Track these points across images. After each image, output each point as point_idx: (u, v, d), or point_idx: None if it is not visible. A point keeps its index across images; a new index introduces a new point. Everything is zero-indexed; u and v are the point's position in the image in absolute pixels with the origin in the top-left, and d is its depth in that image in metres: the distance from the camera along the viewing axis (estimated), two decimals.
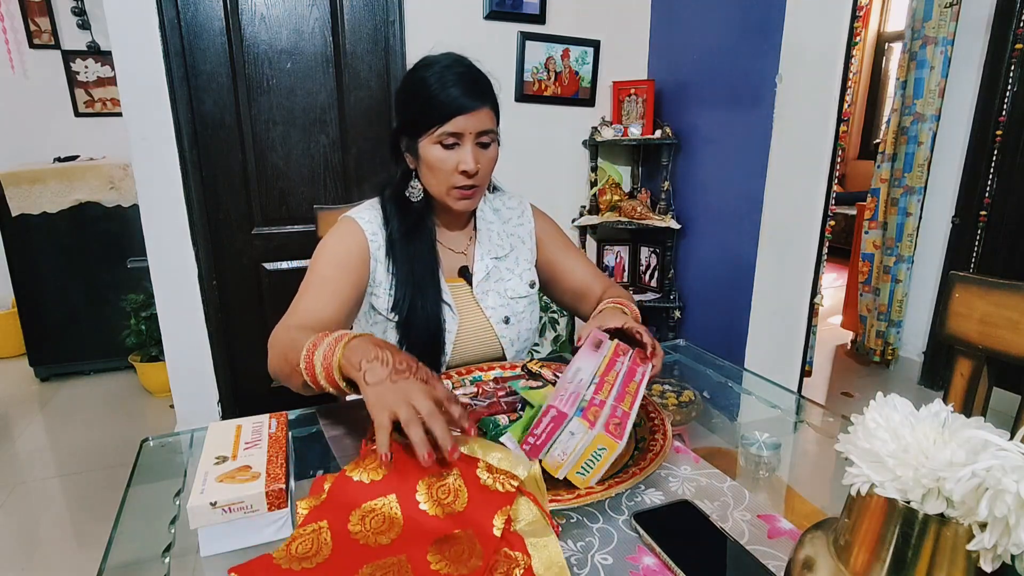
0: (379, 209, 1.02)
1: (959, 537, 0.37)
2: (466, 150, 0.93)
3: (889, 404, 0.42)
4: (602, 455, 0.63)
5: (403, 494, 0.58)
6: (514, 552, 0.53)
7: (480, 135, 0.94)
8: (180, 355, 2.06)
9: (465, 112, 0.91)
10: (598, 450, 0.63)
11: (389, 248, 0.99)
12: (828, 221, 2.05)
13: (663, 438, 0.72)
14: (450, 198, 0.97)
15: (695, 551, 0.56)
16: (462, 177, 0.94)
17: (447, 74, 0.92)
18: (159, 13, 1.80)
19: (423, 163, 0.96)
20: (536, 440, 0.65)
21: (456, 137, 0.93)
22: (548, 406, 0.66)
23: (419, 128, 0.94)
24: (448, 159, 0.93)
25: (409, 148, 0.98)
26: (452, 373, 0.95)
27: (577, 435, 0.63)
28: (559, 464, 0.64)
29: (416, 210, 1.01)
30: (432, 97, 0.91)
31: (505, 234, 1.11)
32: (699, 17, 2.17)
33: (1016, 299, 0.80)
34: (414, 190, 1.00)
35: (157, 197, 1.92)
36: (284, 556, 0.53)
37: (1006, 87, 2.33)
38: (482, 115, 0.93)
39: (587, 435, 0.63)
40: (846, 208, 4.46)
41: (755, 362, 2.06)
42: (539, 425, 0.65)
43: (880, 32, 5.34)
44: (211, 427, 0.72)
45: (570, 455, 0.64)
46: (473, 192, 0.97)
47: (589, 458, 0.63)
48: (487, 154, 0.96)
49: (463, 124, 0.92)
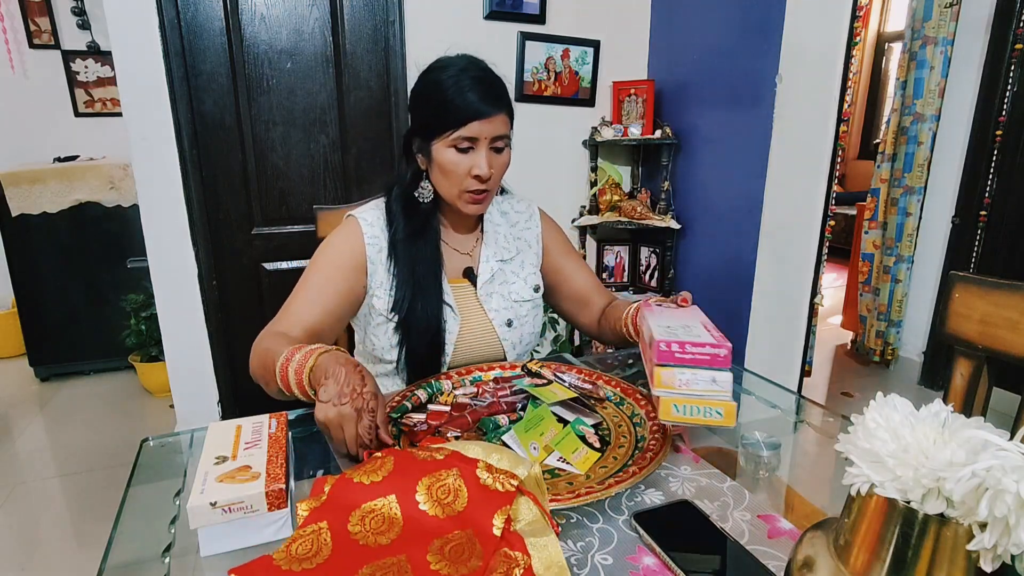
0: (383, 209, 1.02)
1: (959, 537, 0.37)
2: (480, 155, 0.93)
3: (889, 404, 0.42)
4: (710, 418, 0.62)
5: (403, 494, 0.58)
6: (514, 552, 0.53)
7: (495, 140, 0.94)
8: (180, 355, 2.06)
9: (482, 118, 0.91)
10: (715, 411, 0.61)
11: (391, 249, 0.99)
12: (828, 221, 2.05)
13: (663, 438, 0.72)
14: (461, 201, 0.97)
15: (695, 551, 0.56)
16: (474, 181, 0.94)
17: (463, 78, 0.91)
18: (159, 13, 1.80)
19: (435, 165, 0.96)
20: (678, 351, 0.63)
21: (471, 142, 0.92)
22: (704, 343, 0.63)
23: (433, 130, 0.94)
24: (462, 163, 0.93)
25: (421, 149, 0.98)
26: (452, 373, 0.95)
27: (718, 384, 0.61)
28: (669, 387, 0.62)
29: (423, 211, 1.01)
30: (448, 101, 0.91)
31: (512, 237, 1.11)
32: (699, 17, 2.17)
33: (1016, 299, 0.80)
34: (424, 191, 1.00)
35: (157, 197, 1.92)
36: (284, 557, 0.53)
37: (1006, 87, 2.33)
38: (498, 121, 0.93)
39: (722, 395, 0.61)
40: (846, 208, 4.46)
41: (755, 362, 2.06)
42: (689, 345, 0.62)
43: (880, 32, 5.34)
44: (211, 427, 0.72)
45: (690, 392, 0.62)
46: (484, 196, 0.97)
47: (702, 408, 0.61)
48: (500, 159, 0.96)
49: (479, 129, 0.91)
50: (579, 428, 0.76)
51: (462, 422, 0.78)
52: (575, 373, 0.92)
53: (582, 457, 0.70)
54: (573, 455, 0.70)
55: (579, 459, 0.70)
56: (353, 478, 0.60)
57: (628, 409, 0.83)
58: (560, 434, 0.73)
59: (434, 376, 0.94)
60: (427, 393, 0.88)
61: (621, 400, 0.86)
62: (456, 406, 0.83)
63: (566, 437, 0.72)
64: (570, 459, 0.69)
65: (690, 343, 0.63)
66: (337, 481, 0.61)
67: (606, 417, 0.82)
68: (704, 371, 0.63)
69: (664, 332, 0.67)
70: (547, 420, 0.75)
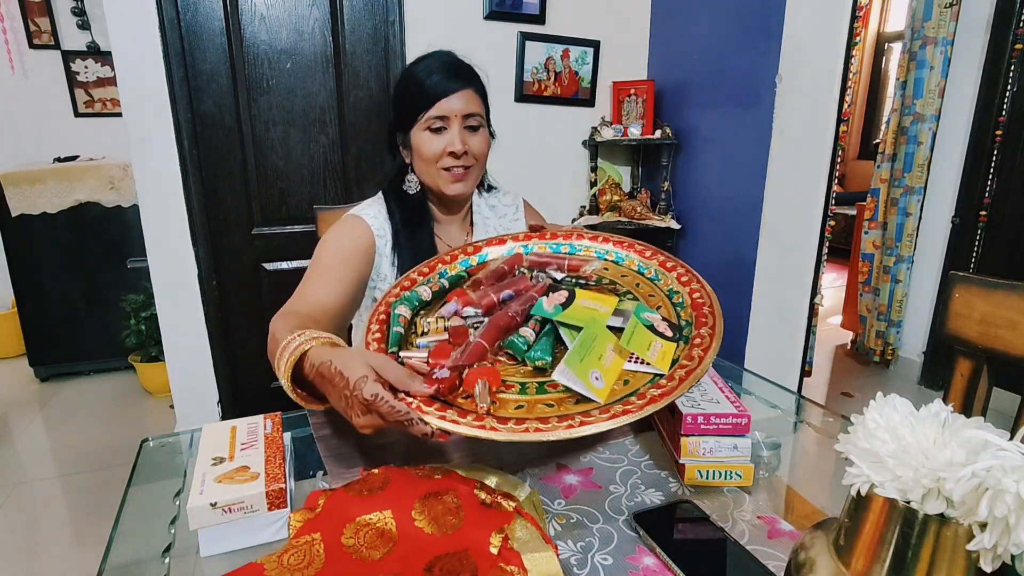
0: (383, 204, 1.05)
1: (959, 537, 0.37)
2: (453, 132, 0.97)
3: (889, 404, 0.42)
4: (731, 480, 0.66)
5: (399, 511, 0.58)
6: (510, 567, 0.53)
7: (467, 117, 0.98)
8: (180, 355, 2.06)
9: (448, 94, 0.95)
10: (735, 474, 0.66)
11: (395, 241, 1.02)
12: (828, 221, 2.05)
13: (712, 312, 0.68)
14: (442, 181, 1.00)
15: (695, 551, 0.56)
16: (450, 159, 0.98)
17: (432, 63, 0.98)
18: (159, 13, 1.80)
19: (415, 152, 1.00)
20: (704, 423, 0.65)
21: (442, 120, 0.97)
22: (728, 414, 0.65)
23: (409, 119, 0.99)
24: (436, 142, 0.97)
25: (403, 142, 1.03)
26: (413, 275, 0.85)
27: (739, 451, 0.65)
28: (694, 455, 0.65)
29: (414, 202, 1.04)
30: (418, 85, 0.97)
31: (501, 228, 1.14)
32: (699, 17, 2.17)
33: (1016, 299, 0.80)
34: (411, 183, 1.03)
35: (157, 197, 1.92)
36: (275, 566, 0.53)
37: (1006, 87, 2.33)
38: (466, 96, 0.97)
39: (742, 459, 0.65)
40: (846, 208, 4.45)
41: (755, 362, 2.06)
42: (713, 417, 0.65)
43: (880, 32, 5.34)
44: (205, 428, 0.71)
45: (714, 459, 0.65)
46: (464, 174, 1.00)
47: (724, 472, 0.66)
48: (476, 137, 0.99)
49: (447, 107, 0.96)
50: (644, 316, 0.67)
51: (478, 350, 0.64)
52: (562, 245, 0.88)
53: (659, 352, 0.62)
54: (649, 352, 0.62)
55: (656, 355, 0.62)
56: (349, 492, 0.60)
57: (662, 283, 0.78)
58: (629, 331, 0.64)
59: (394, 286, 0.82)
60: (409, 309, 0.75)
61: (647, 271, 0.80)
62: (454, 332, 0.69)
63: (635, 331, 0.64)
64: (646, 357, 0.61)
65: (714, 415, 0.66)
66: (332, 494, 0.60)
67: (641, 297, 0.75)
68: (726, 439, 0.66)
69: (686, 402, 0.69)
70: (602, 337, 0.64)
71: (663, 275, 0.80)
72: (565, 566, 0.55)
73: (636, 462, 0.73)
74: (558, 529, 0.61)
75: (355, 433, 0.75)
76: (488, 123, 1.03)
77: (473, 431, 0.55)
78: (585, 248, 0.90)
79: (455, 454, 0.74)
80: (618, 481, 0.69)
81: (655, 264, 0.82)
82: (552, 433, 0.54)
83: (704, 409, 0.67)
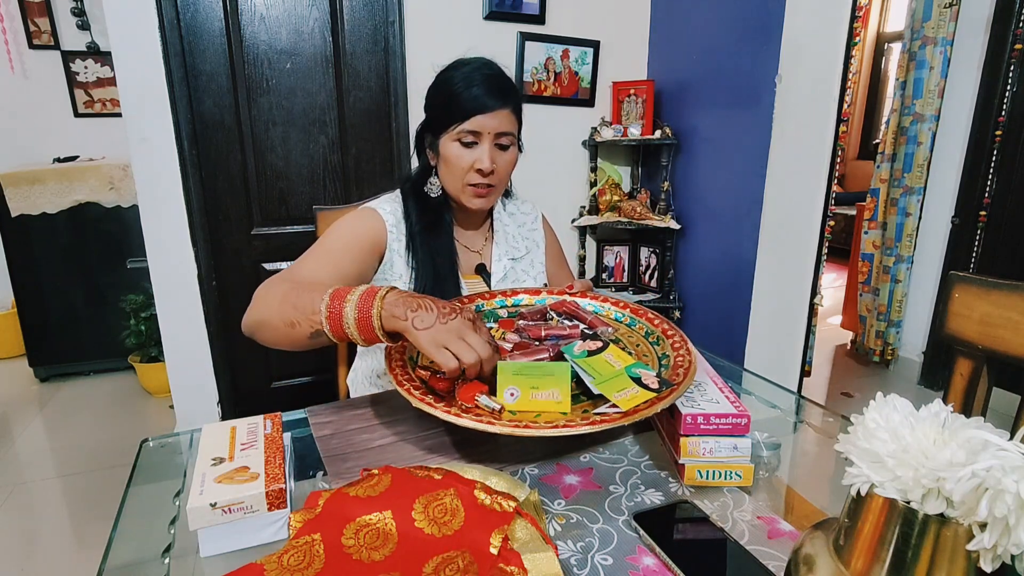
0: (399, 202, 1.04)
1: (959, 537, 0.37)
2: (483, 149, 0.95)
3: (889, 404, 0.42)
4: (731, 480, 0.66)
5: (399, 511, 0.58)
6: (510, 567, 0.53)
7: (499, 136, 0.96)
8: (180, 355, 2.06)
9: (485, 111, 0.93)
10: (735, 474, 0.66)
11: (410, 241, 1.01)
12: (828, 221, 2.05)
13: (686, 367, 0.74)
14: (464, 195, 0.99)
15: (695, 551, 0.56)
16: (477, 175, 0.96)
17: (474, 75, 0.94)
18: (159, 13, 1.80)
19: (442, 159, 0.99)
20: (703, 423, 0.66)
21: (475, 136, 0.95)
22: (727, 414, 0.66)
23: (441, 125, 0.97)
24: (465, 156, 0.96)
25: (431, 145, 1.01)
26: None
27: (739, 451, 0.66)
28: (694, 455, 0.66)
29: (435, 205, 1.03)
30: (455, 95, 0.94)
31: (520, 237, 1.14)
32: (699, 17, 2.17)
33: (1016, 299, 0.80)
34: (432, 186, 1.02)
35: (157, 197, 1.92)
36: (275, 567, 0.53)
37: (1006, 87, 2.33)
38: (502, 116, 0.95)
39: (742, 459, 0.65)
40: (846, 208, 4.46)
41: (755, 362, 2.06)
42: (713, 417, 0.66)
43: (880, 32, 5.34)
44: (205, 429, 0.71)
45: (714, 459, 0.66)
46: (488, 192, 0.99)
47: (724, 472, 0.66)
48: (505, 156, 0.98)
49: (482, 123, 0.94)
50: (635, 371, 0.74)
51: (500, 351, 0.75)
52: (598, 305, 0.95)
53: (628, 396, 0.69)
54: (617, 395, 0.69)
55: (624, 398, 0.69)
56: (349, 492, 0.60)
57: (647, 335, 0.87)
58: (609, 375, 0.73)
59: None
60: None
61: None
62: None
63: (616, 377, 0.72)
64: (612, 398, 0.69)
65: (714, 415, 0.66)
66: (332, 495, 0.60)
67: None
68: (726, 439, 0.66)
69: (686, 402, 0.70)
70: (621, 377, 0.74)
71: (663, 341, 0.86)
72: (565, 566, 0.55)
73: (636, 462, 0.73)
74: (558, 529, 0.61)
75: (355, 433, 0.77)
76: (519, 140, 1.01)
77: (480, 425, 0.64)
78: (607, 311, 0.97)
79: (455, 454, 0.74)
80: (618, 481, 0.69)
81: (659, 332, 0.89)
82: (543, 431, 0.62)
83: (704, 409, 0.67)
